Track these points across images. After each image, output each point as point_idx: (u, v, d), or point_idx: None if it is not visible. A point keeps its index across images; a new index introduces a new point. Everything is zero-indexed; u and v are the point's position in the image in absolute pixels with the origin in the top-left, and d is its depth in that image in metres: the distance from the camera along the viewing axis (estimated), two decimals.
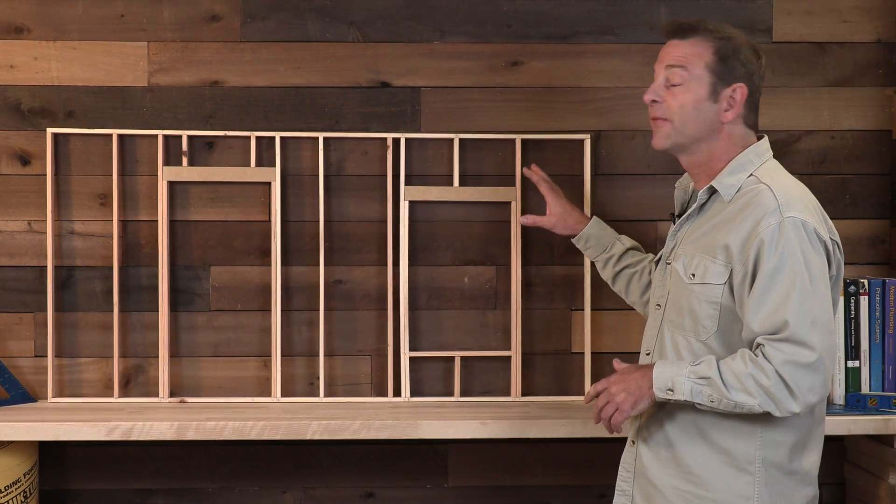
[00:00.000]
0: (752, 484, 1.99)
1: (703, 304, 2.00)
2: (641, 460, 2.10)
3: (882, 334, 2.58)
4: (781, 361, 1.88)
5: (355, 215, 2.79)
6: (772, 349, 1.89)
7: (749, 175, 2.04)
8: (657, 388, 1.97)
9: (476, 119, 2.80)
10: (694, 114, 2.04)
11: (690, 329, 2.03)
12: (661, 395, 1.97)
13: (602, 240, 2.54)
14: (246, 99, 2.77)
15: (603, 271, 2.56)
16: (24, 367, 2.76)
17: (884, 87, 2.84)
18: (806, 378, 1.88)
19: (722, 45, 2.05)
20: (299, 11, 2.77)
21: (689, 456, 2.02)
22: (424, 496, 2.86)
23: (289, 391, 2.78)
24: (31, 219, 2.76)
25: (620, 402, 2.00)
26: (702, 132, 2.05)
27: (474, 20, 2.80)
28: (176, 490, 2.83)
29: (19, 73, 2.74)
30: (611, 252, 2.53)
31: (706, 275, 2.00)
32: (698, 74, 2.04)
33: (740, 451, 1.99)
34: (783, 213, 1.93)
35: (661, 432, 2.06)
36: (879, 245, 2.84)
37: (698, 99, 2.04)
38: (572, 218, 2.58)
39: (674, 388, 1.95)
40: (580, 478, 2.86)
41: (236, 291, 2.78)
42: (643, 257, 2.52)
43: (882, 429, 2.48)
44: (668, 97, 2.05)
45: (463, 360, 2.80)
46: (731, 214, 2.01)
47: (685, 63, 2.04)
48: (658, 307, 2.14)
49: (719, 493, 2.00)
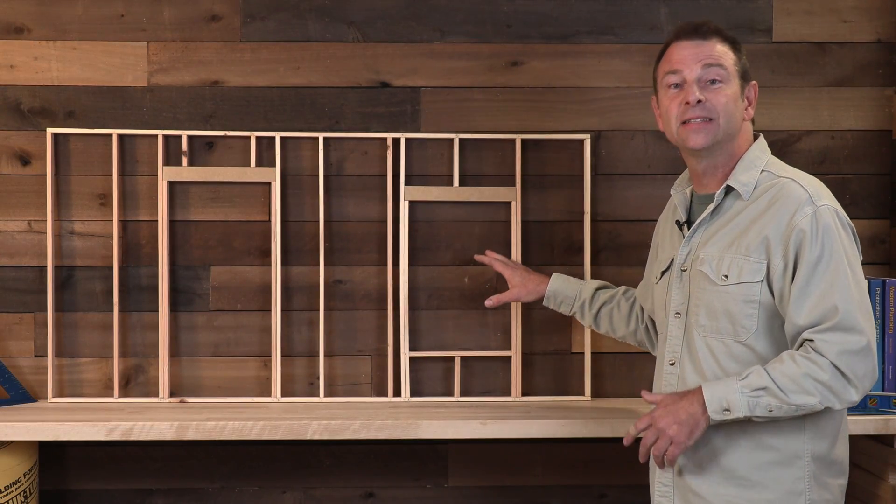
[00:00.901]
0: (802, 479, 1.98)
1: (740, 304, 1.99)
2: (681, 473, 2.06)
3: (882, 334, 2.58)
4: (836, 353, 1.88)
5: (355, 215, 2.79)
6: (822, 342, 1.89)
7: (761, 171, 2.05)
8: (713, 412, 1.92)
9: (476, 119, 2.80)
10: (733, 111, 2.05)
11: (728, 332, 2.00)
12: (718, 417, 1.92)
13: (569, 290, 2.55)
14: (246, 99, 2.77)
15: (583, 320, 2.56)
16: (24, 367, 2.76)
17: (884, 87, 2.84)
18: (860, 364, 1.89)
19: (735, 46, 2.07)
20: (299, 11, 2.78)
21: (736, 460, 2.00)
22: (424, 496, 2.86)
23: (289, 391, 2.78)
24: (31, 219, 2.76)
25: (674, 434, 1.95)
26: (734, 130, 2.06)
27: (474, 20, 2.80)
28: (176, 490, 2.83)
29: (19, 73, 2.74)
30: (581, 298, 2.53)
31: (742, 274, 1.98)
32: (732, 73, 2.05)
33: (790, 447, 1.98)
34: (816, 203, 1.95)
35: (702, 442, 2.01)
36: (879, 245, 2.84)
37: (736, 97, 2.05)
38: (532, 282, 2.59)
39: (730, 407, 1.91)
40: (580, 478, 2.86)
41: (236, 291, 2.78)
42: (615, 292, 2.52)
43: (882, 429, 2.48)
44: (710, 96, 2.04)
45: (463, 360, 2.80)
46: (757, 211, 2.00)
47: (722, 62, 2.04)
48: (678, 316, 2.10)
49: (771, 493, 1.98)
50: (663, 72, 2.10)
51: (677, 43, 2.08)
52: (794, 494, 1.98)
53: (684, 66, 2.05)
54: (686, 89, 2.04)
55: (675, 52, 2.07)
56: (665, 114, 2.10)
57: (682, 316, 2.09)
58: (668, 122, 2.10)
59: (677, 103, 2.06)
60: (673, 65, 2.07)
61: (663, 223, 2.31)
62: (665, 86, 2.09)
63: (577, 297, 2.54)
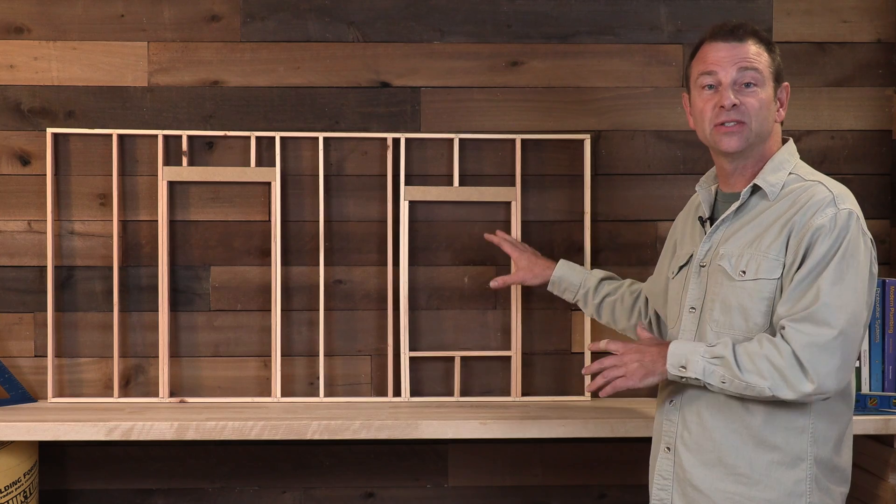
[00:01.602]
0: (803, 482, 1.98)
1: (755, 300, 1.99)
2: (682, 466, 2.06)
3: (882, 334, 2.58)
4: (802, 344, 1.88)
5: (355, 215, 2.79)
6: (792, 331, 1.90)
7: (789, 173, 2.05)
8: (670, 365, 1.97)
9: (476, 119, 2.80)
10: (766, 114, 2.04)
11: (741, 328, 2.01)
12: (674, 372, 1.98)
13: (573, 278, 2.55)
14: (246, 99, 2.77)
15: (586, 308, 2.56)
16: (24, 367, 2.76)
17: (884, 87, 2.84)
18: (824, 360, 1.89)
19: (770, 47, 2.07)
20: (299, 11, 2.78)
21: (738, 457, 2.00)
22: (424, 496, 2.86)
23: (289, 391, 2.78)
24: (31, 219, 2.76)
25: (631, 371, 2.01)
26: (766, 132, 2.06)
27: (474, 20, 2.80)
28: (176, 490, 2.83)
29: (19, 73, 2.74)
30: (586, 287, 2.54)
31: (759, 271, 1.99)
32: (767, 75, 2.04)
33: (792, 448, 1.98)
34: (838, 206, 1.96)
35: (706, 436, 2.03)
36: (879, 245, 2.84)
37: (769, 99, 2.04)
38: (539, 266, 2.59)
39: (687, 365, 1.96)
40: (580, 478, 2.86)
41: (236, 291, 2.78)
42: (619, 284, 2.53)
43: (882, 429, 2.48)
44: (745, 99, 2.03)
45: (463, 360, 2.80)
46: (781, 211, 2.01)
47: (757, 65, 2.03)
48: (693, 310, 2.10)
49: (772, 493, 1.98)
50: (698, 72, 2.08)
51: (713, 44, 2.07)
52: (795, 496, 1.98)
53: (720, 68, 2.04)
54: (721, 92, 2.03)
55: (711, 53, 2.06)
56: (699, 115, 2.09)
57: (697, 311, 2.09)
58: (700, 123, 2.09)
59: (711, 105, 2.05)
60: (708, 65, 2.05)
61: (683, 219, 2.32)
62: (699, 86, 2.08)
63: (581, 285, 2.54)
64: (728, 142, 2.04)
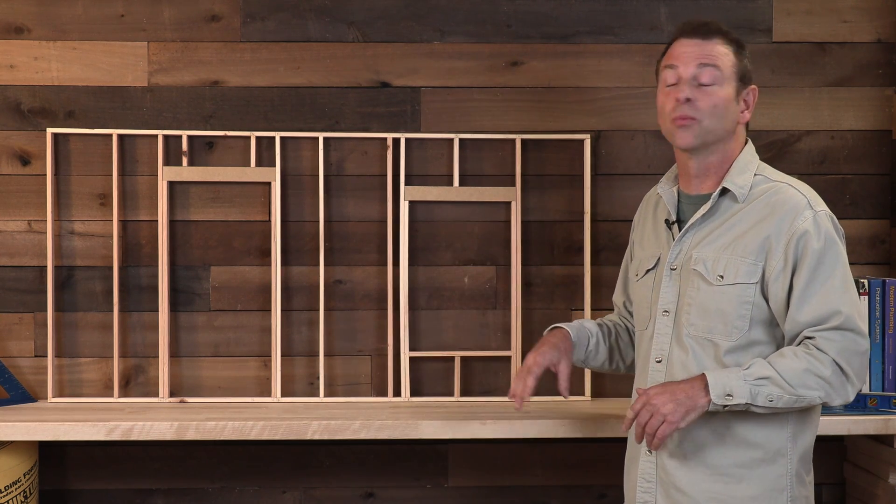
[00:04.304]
0: (784, 476, 2.00)
1: (735, 304, 2.00)
2: (665, 469, 2.07)
3: (882, 334, 2.58)
4: (838, 350, 1.93)
5: (355, 215, 2.79)
6: (824, 340, 1.93)
7: (755, 174, 2.06)
8: (716, 395, 1.92)
9: (476, 119, 2.80)
10: (723, 113, 2.04)
11: (721, 332, 2.01)
12: (720, 402, 1.92)
13: (580, 340, 2.32)
14: (246, 99, 2.77)
15: (594, 362, 2.35)
16: (24, 367, 2.76)
17: (884, 87, 2.84)
18: (857, 364, 1.95)
19: (738, 48, 2.07)
20: (299, 11, 2.77)
21: (721, 456, 2.01)
22: (424, 496, 2.86)
23: (289, 391, 2.78)
24: (31, 219, 2.75)
25: (668, 412, 1.92)
26: (724, 132, 2.06)
27: (474, 20, 2.80)
28: (176, 490, 2.83)
29: (19, 73, 2.74)
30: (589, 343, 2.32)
31: (738, 275, 2.00)
32: (728, 75, 2.04)
33: (773, 444, 2.00)
34: (814, 208, 1.98)
35: (687, 437, 2.03)
36: (879, 245, 2.84)
37: (728, 99, 2.04)
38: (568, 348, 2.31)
39: (732, 392, 1.92)
40: (580, 478, 2.86)
41: (236, 291, 2.78)
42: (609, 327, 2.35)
43: (882, 429, 2.48)
44: (699, 96, 2.03)
45: (463, 360, 2.80)
46: (755, 214, 2.02)
47: (717, 63, 2.04)
48: (666, 314, 2.10)
49: (754, 490, 2.00)
50: (662, 66, 2.11)
51: (680, 40, 2.08)
52: (777, 491, 2.00)
53: (681, 63, 2.05)
54: (679, 86, 2.05)
55: (676, 49, 2.08)
56: (660, 109, 2.10)
57: (671, 314, 2.09)
58: (661, 117, 2.11)
59: (671, 99, 2.06)
60: (671, 60, 2.07)
61: (641, 221, 2.29)
62: (662, 81, 2.10)
63: (587, 344, 2.32)
64: (682, 136, 2.04)
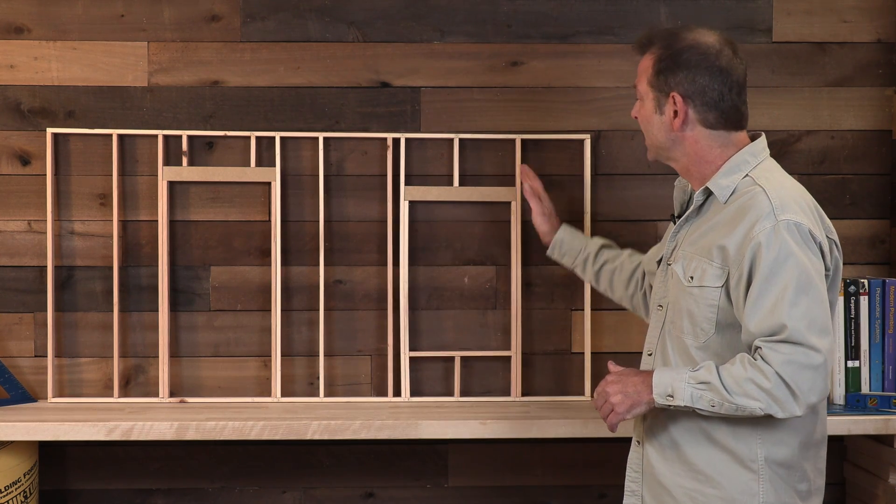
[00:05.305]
0: (756, 481, 2.00)
1: (701, 306, 2.01)
2: (649, 460, 2.10)
3: (882, 334, 2.58)
4: (781, 362, 1.88)
5: (355, 215, 2.79)
6: (770, 351, 1.89)
7: (744, 176, 2.03)
8: (657, 394, 1.97)
9: (476, 119, 2.80)
10: (650, 128, 2.10)
11: (689, 332, 2.03)
12: (661, 401, 1.97)
13: (575, 242, 2.56)
14: (246, 99, 2.78)
15: (584, 274, 2.57)
16: (24, 367, 2.76)
17: (884, 87, 2.84)
18: (806, 378, 1.88)
19: (660, 55, 2.06)
20: (299, 11, 2.78)
21: (695, 455, 2.03)
22: (424, 496, 2.86)
23: (289, 391, 2.78)
24: (31, 219, 2.76)
25: (616, 403, 2.01)
26: (665, 143, 2.09)
27: (474, 20, 2.80)
28: (176, 490, 2.83)
29: (19, 73, 2.74)
30: (586, 252, 2.54)
31: (704, 278, 2.01)
32: (645, 90, 2.10)
33: (742, 450, 2.00)
34: (777, 217, 1.93)
35: (665, 433, 2.06)
36: (879, 245, 2.84)
37: (649, 114, 2.09)
38: (552, 220, 2.61)
39: (673, 393, 1.96)
40: (580, 478, 2.86)
41: (236, 291, 2.78)
42: (619, 253, 2.53)
43: (882, 429, 2.48)
44: (637, 114, 2.14)
45: (463, 360, 2.80)
46: (726, 217, 2.01)
47: (637, 81, 2.12)
48: (660, 308, 2.14)
49: (726, 491, 2.00)
50: None
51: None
52: (748, 495, 2.00)
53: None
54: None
55: None
56: None
57: (663, 309, 2.12)
58: None
59: None
60: None
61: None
62: None
63: (581, 250, 2.55)
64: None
